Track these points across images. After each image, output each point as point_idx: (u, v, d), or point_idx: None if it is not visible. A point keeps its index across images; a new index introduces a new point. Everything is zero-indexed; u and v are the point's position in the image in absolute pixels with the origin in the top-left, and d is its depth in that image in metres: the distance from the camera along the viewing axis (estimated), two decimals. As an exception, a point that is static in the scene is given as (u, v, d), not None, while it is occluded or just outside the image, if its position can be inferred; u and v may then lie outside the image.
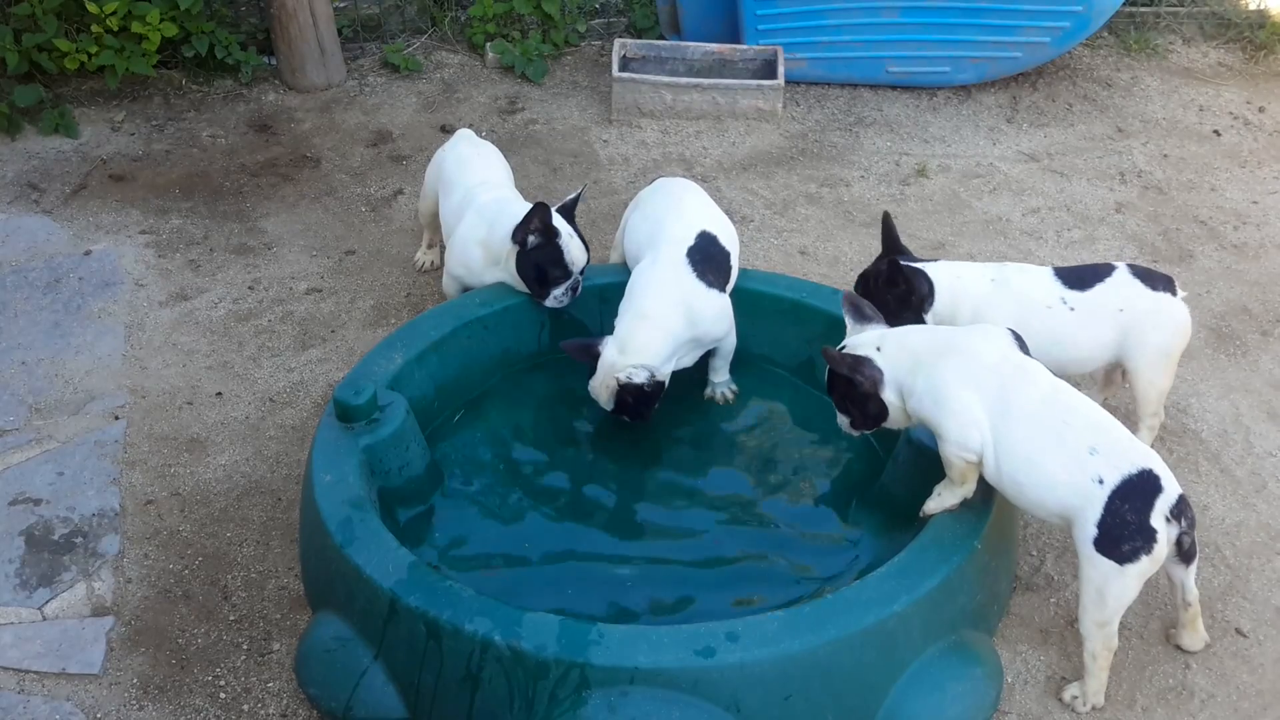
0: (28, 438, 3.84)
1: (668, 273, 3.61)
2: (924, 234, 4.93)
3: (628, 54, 5.90)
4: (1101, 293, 3.50)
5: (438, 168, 4.31)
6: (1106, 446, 2.87)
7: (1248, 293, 4.61)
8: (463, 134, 4.44)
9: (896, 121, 5.76)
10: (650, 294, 3.58)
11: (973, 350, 3.01)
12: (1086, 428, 2.91)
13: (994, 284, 3.53)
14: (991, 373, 2.97)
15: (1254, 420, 3.98)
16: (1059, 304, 3.49)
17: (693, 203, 3.85)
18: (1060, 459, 2.88)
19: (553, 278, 3.77)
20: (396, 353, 3.60)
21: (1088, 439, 2.88)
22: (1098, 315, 3.49)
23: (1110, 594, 2.86)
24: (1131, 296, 3.49)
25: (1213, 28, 6.56)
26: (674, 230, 3.70)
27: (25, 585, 3.34)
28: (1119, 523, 2.81)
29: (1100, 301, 3.49)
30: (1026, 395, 2.94)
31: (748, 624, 2.74)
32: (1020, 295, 3.50)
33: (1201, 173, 5.40)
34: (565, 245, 3.74)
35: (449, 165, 4.23)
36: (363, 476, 3.18)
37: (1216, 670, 3.15)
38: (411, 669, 2.82)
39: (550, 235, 3.72)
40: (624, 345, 3.50)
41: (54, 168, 5.30)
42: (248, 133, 5.62)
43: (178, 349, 4.25)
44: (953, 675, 2.87)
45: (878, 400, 3.10)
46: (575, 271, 3.79)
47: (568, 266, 3.77)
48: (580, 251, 3.80)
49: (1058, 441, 2.89)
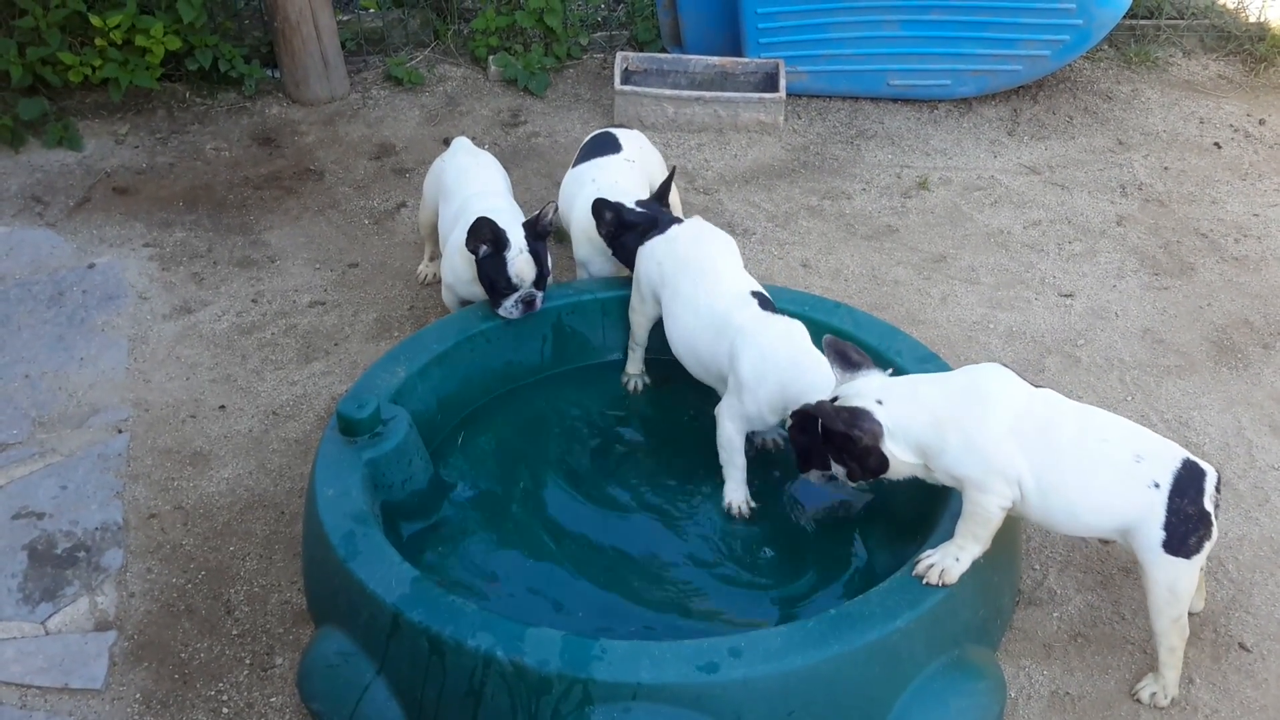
0: (31, 451, 3.84)
1: (778, 323, 3.41)
2: (925, 247, 4.93)
3: (630, 67, 5.91)
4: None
5: (436, 178, 4.32)
6: (1147, 449, 2.89)
7: (1249, 305, 4.61)
8: (460, 143, 4.44)
9: (898, 134, 5.77)
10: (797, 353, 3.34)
11: (998, 396, 2.90)
12: (1123, 438, 2.91)
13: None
14: (1026, 415, 2.88)
15: (1256, 434, 3.98)
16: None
17: (725, 266, 3.63)
18: (1112, 477, 2.87)
19: (499, 289, 3.77)
20: (399, 366, 3.61)
21: (1129, 448, 2.89)
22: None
23: (1181, 589, 2.90)
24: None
25: (1213, 40, 6.58)
26: (730, 302, 3.49)
27: (28, 600, 3.34)
28: (1182, 519, 2.84)
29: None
30: (1062, 426, 2.89)
31: (751, 639, 2.74)
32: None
33: (1202, 185, 5.41)
34: (511, 260, 3.71)
35: (447, 176, 4.24)
36: (366, 490, 3.18)
37: (1220, 685, 3.15)
38: (414, 684, 2.82)
39: (498, 247, 3.72)
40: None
41: (58, 181, 5.31)
42: (251, 146, 5.63)
43: (181, 362, 4.26)
44: (956, 690, 2.87)
45: (879, 454, 2.94)
46: (521, 284, 3.76)
47: (510, 279, 3.74)
48: (528, 266, 3.74)
49: (1105, 461, 2.88)
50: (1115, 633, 3.29)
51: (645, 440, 3.79)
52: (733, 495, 3.46)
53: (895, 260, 4.85)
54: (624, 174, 4.20)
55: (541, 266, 3.79)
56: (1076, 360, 4.29)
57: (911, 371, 3.57)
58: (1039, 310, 4.57)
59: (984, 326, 4.47)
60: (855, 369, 3.03)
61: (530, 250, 3.75)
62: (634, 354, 3.92)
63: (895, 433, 2.92)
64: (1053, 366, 4.26)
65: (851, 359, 3.05)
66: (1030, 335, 4.42)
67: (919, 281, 4.72)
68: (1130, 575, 3.43)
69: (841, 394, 3.00)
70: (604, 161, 4.25)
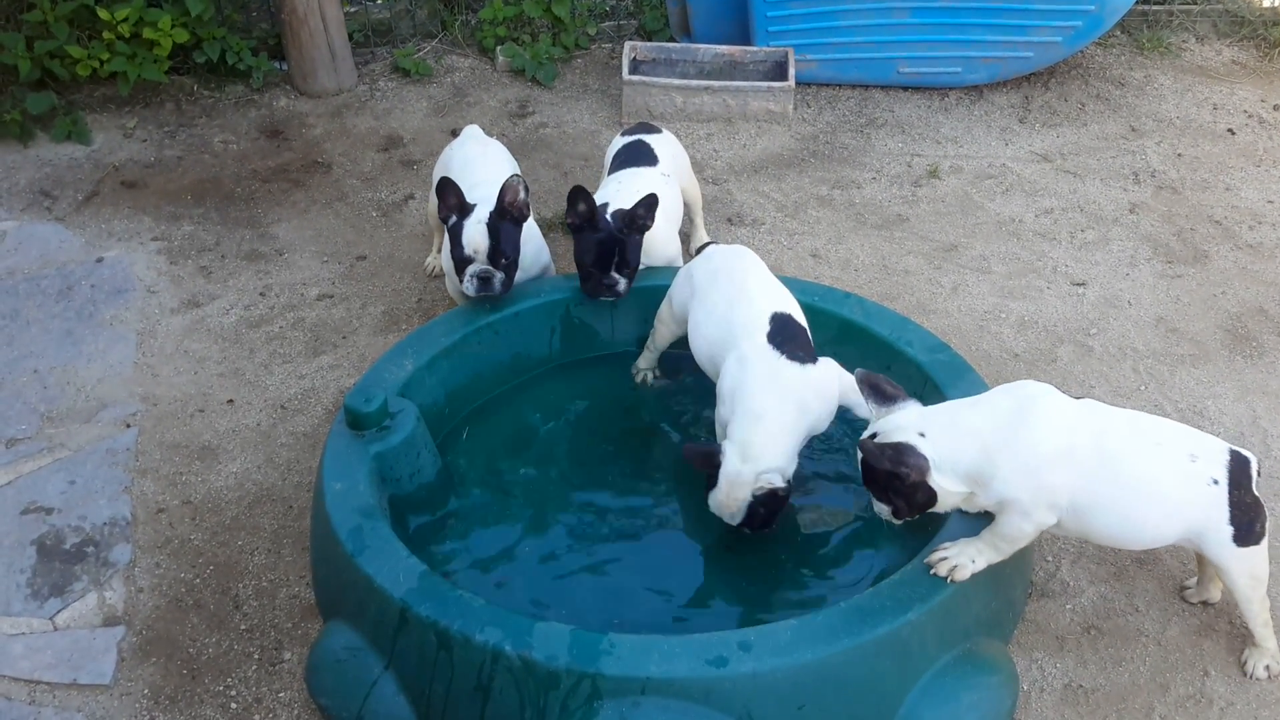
0: (40, 446, 3.84)
1: (764, 365, 3.25)
2: (937, 235, 4.90)
3: (638, 57, 5.88)
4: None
5: (444, 167, 4.30)
6: (1198, 446, 2.89)
7: (1264, 293, 4.57)
8: (470, 132, 4.42)
9: (908, 122, 5.73)
10: (756, 392, 3.21)
11: (1047, 415, 2.80)
12: (1173, 438, 2.90)
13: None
14: (1078, 432, 2.81)
15: (1271, 423, 3.94)
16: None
17: (755, 284, 3.49)
18: (1174, 481, 2.85)
19: (455, 259, 3.67)
20: (407, 359, 3.59)
21: (1183, 449, 2.87)
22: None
23: (1261, 572, 2.96)
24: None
25: (1226, 26, 6.52)
26: (745, 320, 3.37)
27: (36, 595, 3.34)
28: (1244, 510, 2.86)
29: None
30: (1116, 435, 2.84)
31: (760, 633, 2.72)
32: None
33: (1216, 172, 5.36)
34: (465, 227, 3.61)
35: (454, 164, 4.22)
36: (373, 484, 3.17)
37: (1235, 678, 3.12)
38: (422, 679, 2.81)
39: (461, 214, 3.64)
40: (745, 451, 3.13)
41: (66, 175, 5.30)
42: (259, 138, 5.62)
43: (189, 356, 4.25)
44: (967, 684, 2.85)
45: (926, 489, 2.81)
46: (476, 257, 3.63)
47: (464, 248, 3.63)
48: (481, 237, 3.60)
49: (1164, 466, 2.85)
50: (1129, 625, 3.26)
51: (655, 433, 3.77)
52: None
53: (906, 250, 4.82)
54: (660, 190, 4.04)
55: (500, 243, 3.63)
56: (1089, 350, 4.26)
57: (922, 362, 3.55)
58: (1051, 299, 4.53)
59: (995, 316, 4.43)
60: (890, 402, 2.92)
61: (490, 224, 3.63)
62: (649, 353, 3.88)
63: (942, 464, 2.80)
64: (1065, 356, 4.22)
65: (886, 392, 2.93)
66: (1042, 324, 4.39)
67: (930, 271, 4.69)
68: (1144, 566, 3.41)
69: (880, 429, 2.87)
70: (645, 172, 4.18)
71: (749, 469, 3.11)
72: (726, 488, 3.15)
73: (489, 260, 3.67)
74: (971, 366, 3.54)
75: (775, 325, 3.32)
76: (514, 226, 3.69)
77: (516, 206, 3.68)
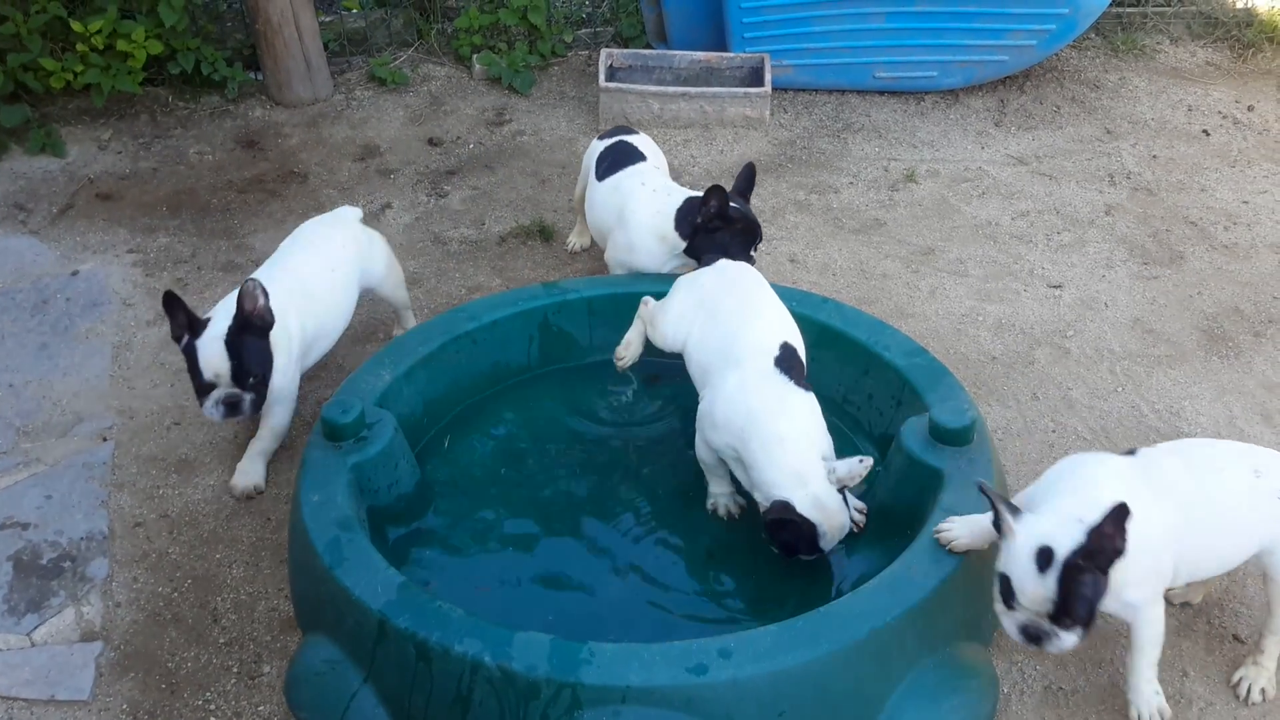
0: (15, 461, 3.81)
1: (773, 389, 3.23)
2: (913, 239, 4.91)
3: (614, 64, 5.89)
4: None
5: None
6: (1258, 460, 2.87)
7: (1239, 293, 4.59)
8: (340, 214, 4.18)
9: (884, 127, 5.75)
10: (771, 416, 3.16)
11: (1132, 493, 2.61)
12: (1234, 457, 2.89)
13: None
14: (1160, 499, 2.73)
15: (1248, 423, 3.96)
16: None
17: (768, 305, 3.49)
18: (1246, 503, 2.84)
19: (194, 384, 3.28)
20: (385, 369, 3.58)
21: (1246, 464, 2.86)
22: None
23: None
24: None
25: (1200, 27, 6.56)
26: (757, 340, 3.34)
27: (13, 611, 3.31)
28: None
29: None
30: (1181, 481, 2.80)
31: (740, 640, 2.71)
32: None
33: (1191, 173, 5.39)
34: (201, 348, 3.25)
35: (297, 241, 4.01)
36: (351, 496, 3.16)
37: (1215, 678, 3.13)
38: (402, 691, 2.80)
39: (192, 332, 3.28)
40: (796, 479, 3.07)
41: (41, 187, 5.28)
42: (235, 149, 5.60)
43: (166, 369, 4.22)
44: (948, 688, 2.85)
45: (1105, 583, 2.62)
46: (219, 381, 3.28)
47: (202, 373, 3.27)
48: (220, 359, 3.26)
49: (1233, 492, 2.84)
50: (1108, 626, 3.26)
51: (635, 441, 3.76)
52: (716, 492, 3.44)
53: (883, 254, 4.83)
54: (665, 178, 4.26)
55: (244, 361, 3.27)
56: (1066, 351, 4.27)
57: (900, 366, 3.56)
58: (1028, 301, 4.55)
59: (973, 319, 4.45)
60: (1017, 512, 2.69)
61: (229, 341, 3.30)
62: (633, 344, 3.71)
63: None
64: (1042, 358, 4.24)
65: (1011, 503, 2.72)
66: (1019, 327, 4.40)
67: (907, 275, 4.70)
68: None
69: (1034, 535, 2.63)
70: (642, 168, 4.24)
71: (814, 488, 3.07)
72: (823, 517, 3.05)
73: (234, 381, 3.36)
74: (949, 370, 3.55)
75: (784, 352, 3.31)
76: (259, 338, 3.36)
77: (259, 314, 3.35)
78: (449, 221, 5.06)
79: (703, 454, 3.38)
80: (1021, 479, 3.71)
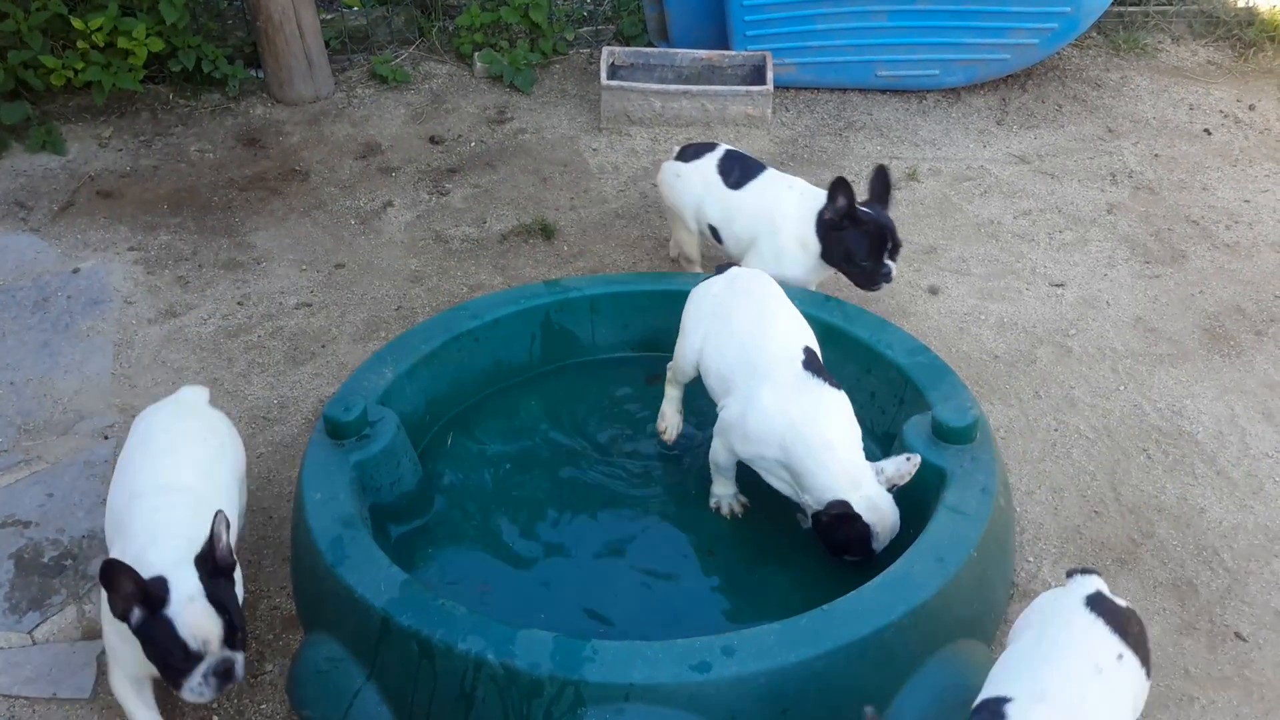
0: (16, 459, 3.81)
1: (810, 395, 3.20)
2: (915, 238, 4.91)
3: (616, 62, 5.88)
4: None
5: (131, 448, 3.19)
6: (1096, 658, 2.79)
7: (1241, 292, 4.59)
8: (182, 397, 3.36)
9: (886, 125, 5.75)
10: (813, 423, 3.14)
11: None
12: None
13: None
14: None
15: (1250, 421, 3.96)
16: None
17: (784, 311, 3.44)
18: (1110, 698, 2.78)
19: (175, 664, 2.60)
20: (387, 367, 3.58)
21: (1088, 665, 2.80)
22: None
23: None
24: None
25: (1201, 26, 6.56)
26: (779, 348, 3.30)
27: (15, 609, 3.31)
28: None
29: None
30: None
31: (743, 638, 2.71)
32: None
33: (1193, 172, 5.39)
34: (177, 617, 2.57)
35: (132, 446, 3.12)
36: (354, 494, 3.16)
37: (1217, 675, 3.13)
38: (405, 689, 2.80)
39: (151, 604, 2.57)
40: (849, 480, 3.08)
41: (41, 185, 5.27)
42: (236, 147, 5.59)
43: (167, 366, 4.22)
44: (951, 686, 2.84)
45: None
46: (204, 650, 2.60)
47: (186, 644, 2.58)
48: (208, 619, 2.58)
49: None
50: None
51: (636, 439, 3.76)
52: (720, 492, 3.44)
53: (885, 252, 4.83)
54: (804, 181, 4.14)
55: (232, 614, 2.64)
56: (1068, 350, 4.27)
57: (902, 365, 3.56)
58: (1030, 300, 4.55)
59: (975, 318, 4.45)
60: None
61: (212, 597, 2.61)
62: (670, 396, 3.66)
63: None
64: (1044, 357, 4.23)
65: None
66: (1021, 326, 4.40)
67: (909, 273, 4.69)
68: (1125, 566, 3.42)
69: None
70: (776, 174, 4.15)
71: (867, 489, 3.08)
72: (876, 518, 3.07)
73: (226, 643, 2.64)
74: (951, 368, 3.55)
75: (808, 356, 3.30)
76: (229, 581, 2.71)
77: (224, 554, 2.68)
78: (450, 219, 5.06)
79: (718, 458, 3.37)
80: (1024, 477, 3.71)
